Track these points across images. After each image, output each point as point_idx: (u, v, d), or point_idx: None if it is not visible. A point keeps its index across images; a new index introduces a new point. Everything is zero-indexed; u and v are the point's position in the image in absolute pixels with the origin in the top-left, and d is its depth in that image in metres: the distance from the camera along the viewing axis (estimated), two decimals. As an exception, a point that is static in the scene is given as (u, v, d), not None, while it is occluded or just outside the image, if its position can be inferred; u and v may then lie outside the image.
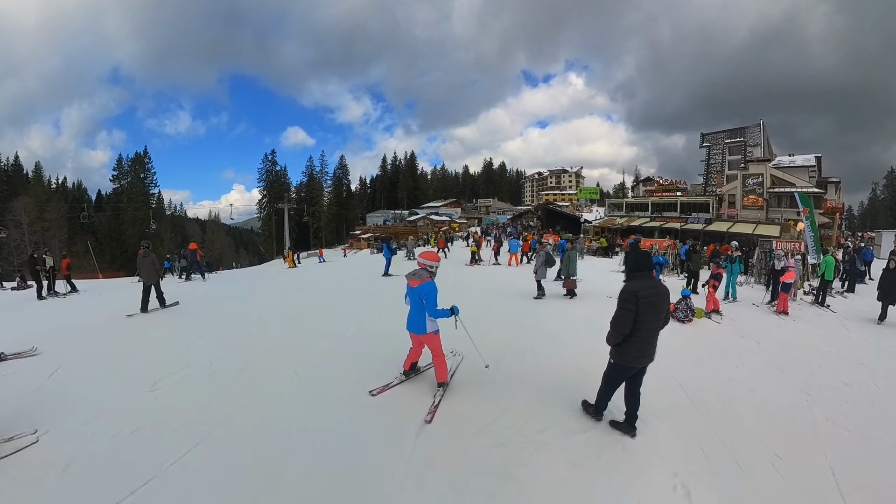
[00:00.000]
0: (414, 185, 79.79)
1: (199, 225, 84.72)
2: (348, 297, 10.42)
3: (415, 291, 4.03)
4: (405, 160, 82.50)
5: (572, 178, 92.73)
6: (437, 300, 3.99)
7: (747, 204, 29.05)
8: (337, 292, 11.25)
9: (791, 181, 29.12)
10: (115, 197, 67.48)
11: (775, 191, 28.88)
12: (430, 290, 3.94)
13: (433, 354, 4.19)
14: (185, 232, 78.42)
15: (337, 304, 9.42)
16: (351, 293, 10.96)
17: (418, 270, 4.10)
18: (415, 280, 4.04)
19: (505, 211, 69.01)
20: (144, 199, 65.93)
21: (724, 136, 46.29)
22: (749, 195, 29.03)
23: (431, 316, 3.96)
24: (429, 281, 4.02)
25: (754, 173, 29.20)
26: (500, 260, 17.69)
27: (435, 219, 52.03)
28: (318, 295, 10.94)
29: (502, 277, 13.56)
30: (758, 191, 29.07)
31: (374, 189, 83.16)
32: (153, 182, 69.35)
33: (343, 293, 10.99)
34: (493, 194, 79.98)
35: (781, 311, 8.92)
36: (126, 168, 68.12)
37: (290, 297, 10.67)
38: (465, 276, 13.91)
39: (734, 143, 45.51)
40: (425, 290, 3.94)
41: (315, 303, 9.70)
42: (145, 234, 64.44)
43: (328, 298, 10.25)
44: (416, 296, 4.02)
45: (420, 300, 3.98)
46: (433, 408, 3.88)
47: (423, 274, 4.05)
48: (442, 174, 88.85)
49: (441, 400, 4.03)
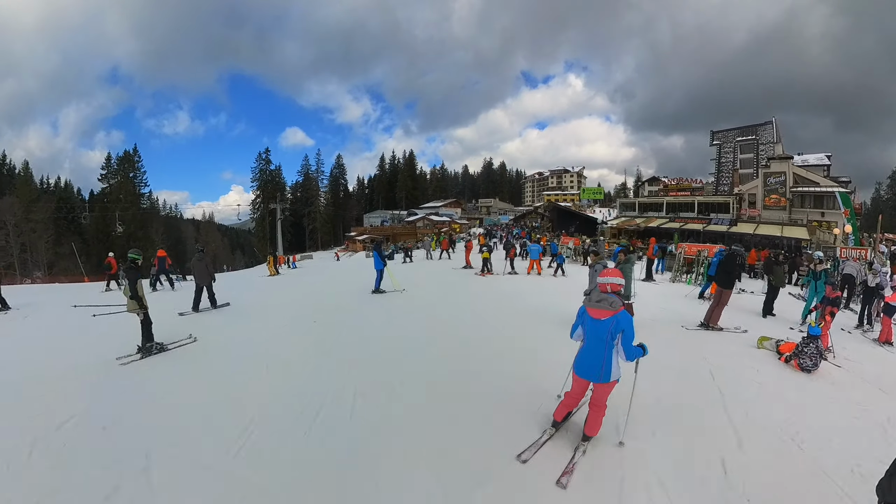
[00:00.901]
0: (413, 185, 77.84)
1: (195, 226, 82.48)
2: (313, 335, 7.00)
3: (603, 325, 3.20)
4: (404, 160, 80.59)
5: (574, 178, 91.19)
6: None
7: (769, 204, 27.36)
8: (300, 324, 7.84)
9: (814, 180, 27.44)
10: (104, 197, 65.10)
11: (799, 190, 27.18)
12: (627, 324, 3.16)
13: (595, 403, 3.36)
14: (180, 234, 76.26)
15: (289, 358, 5.78)
16: (323, 326, 7.63)
17: (607, 297, 3.21)
18: (603, 310, 3.19)
19: (507, 211, 67.25)
20: (134, 200, 63.52)
21: (736, 133, 44.69)
22: (771, 195, 27.33)
23: (628, 358, 3.20)
24: (623, 311, 3.18)
25: (776, 171, 27.51)
26: (515, 267, 15.90)
27: (435, 219, 50.12)
28: (272, 330, 7.48)
29: (531, 292, 11.23)
30: (780, 190, 27.38)
31: (371, 189, 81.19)
32: (143, 182, 66.93)
33: (312, 325, 7.75)
34: (493, 194, 78.22)
35: (885, 341, 7.12)
36: (115, 167, 65.72)
37: (236, 327, 7.79)
38: (484, 290, 12.04)
39: (745, 142, 43.94)
40: (622, 323, 3.15)
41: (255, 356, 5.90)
42: (133, 235, 62.36)
43: (278, 346, 6.36)
44: (605, 331, 3.18)
45: (610, 336, 3.17)
46: (570, 466, 3.16)
47: (615, 302, 3.19)
48: (441, 174, 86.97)
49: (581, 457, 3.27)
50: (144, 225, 65.90)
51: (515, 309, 9.00)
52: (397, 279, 11.52)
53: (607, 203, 66.51)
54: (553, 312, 8.16)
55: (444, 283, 13.16)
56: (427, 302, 10.06)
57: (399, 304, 9.62)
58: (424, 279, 14.00)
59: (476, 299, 10.49)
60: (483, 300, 10.34)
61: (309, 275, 19.64)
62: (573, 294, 8.66)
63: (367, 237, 38.34)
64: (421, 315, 8.47)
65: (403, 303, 9.82)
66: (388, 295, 10.69)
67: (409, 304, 9.71)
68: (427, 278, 14.33)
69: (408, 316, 8.39)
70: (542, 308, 8.83)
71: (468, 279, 14.12)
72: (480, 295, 11.02)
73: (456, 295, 11.11)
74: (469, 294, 11.27)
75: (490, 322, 7.90)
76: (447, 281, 13.93)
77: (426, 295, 10.94)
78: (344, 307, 9.48)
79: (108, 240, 63.26)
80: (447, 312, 8.81)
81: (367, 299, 10.41)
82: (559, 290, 11.37)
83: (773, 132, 42.87)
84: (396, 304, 9.68)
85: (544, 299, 10.00)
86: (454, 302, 10.17)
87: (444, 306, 9.63)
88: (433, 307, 9.43)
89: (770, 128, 43.31)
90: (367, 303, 9.96)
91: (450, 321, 7.90)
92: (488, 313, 8.71)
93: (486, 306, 9.51)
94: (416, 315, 8.46)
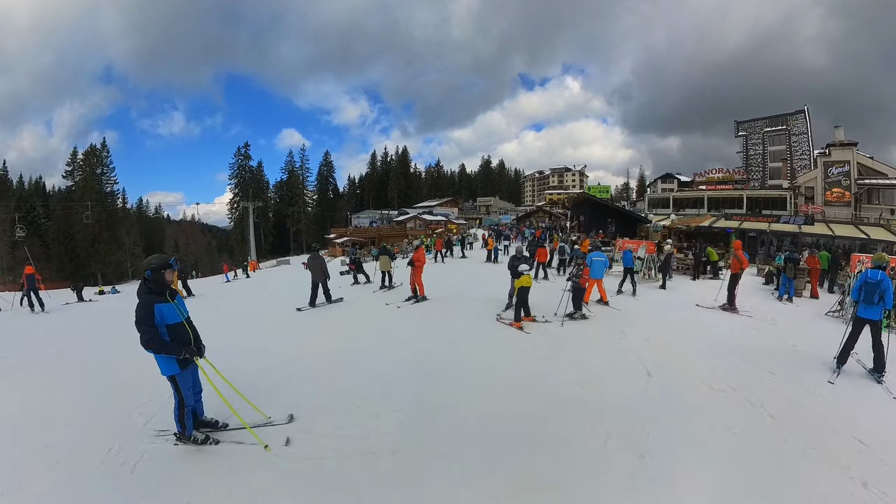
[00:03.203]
0: (406, 184, 72.86)
1: (183, 228, 76.95)
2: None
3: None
4: (397, 157, 75.60)
5: (576, 176, 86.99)
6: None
7: (831, 199, 22.60)
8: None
9: (881, 170, 22.73)
10: (67, 196, 59.47)
11: (867, 182, 22.43)
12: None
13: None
14: (161, 236, 70.77)
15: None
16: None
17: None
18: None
19: (507, 210, 62.42)
20: (100, 198, 57.87)
21: (763, 123, 40.11)
22: (833, 188, 22.58)
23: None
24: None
25: (839, 160, 22.76)
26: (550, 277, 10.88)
27: (428, 219, 45.08)
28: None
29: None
30: (844, 182, 22.62)
31: (362, 188, 76.10)
32: (111, 179, 61.36)
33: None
34: (491, 194, 73.37)
35: None
36: (80, 162, 60.10)
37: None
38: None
39: (775, 133, 39.40)
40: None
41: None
42: (98, 238, 56.82)
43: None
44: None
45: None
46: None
47: None
48: (437, 172, 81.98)
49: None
50: (113, 226, 60.30)
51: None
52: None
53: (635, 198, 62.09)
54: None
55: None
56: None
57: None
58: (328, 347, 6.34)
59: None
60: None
61: (233, 296, 14.00)
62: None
63: (347, 240, 33.18)
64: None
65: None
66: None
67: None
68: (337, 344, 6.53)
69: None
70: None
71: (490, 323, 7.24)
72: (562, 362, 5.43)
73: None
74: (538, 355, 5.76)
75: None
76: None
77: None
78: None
79: (70, 242, 57.95)
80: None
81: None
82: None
83: (805, 122, 38.36)
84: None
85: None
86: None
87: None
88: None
89: (802, 117, 38.79)
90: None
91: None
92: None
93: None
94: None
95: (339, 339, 6.67)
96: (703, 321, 7.85)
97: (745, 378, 4.92)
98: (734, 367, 5.29)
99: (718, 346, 6.21)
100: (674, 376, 4.93)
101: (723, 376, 4.92)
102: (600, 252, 8.59)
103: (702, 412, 4.04)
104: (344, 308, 9.26)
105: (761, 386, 4.69)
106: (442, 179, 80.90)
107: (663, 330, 7.10)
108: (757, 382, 4.80)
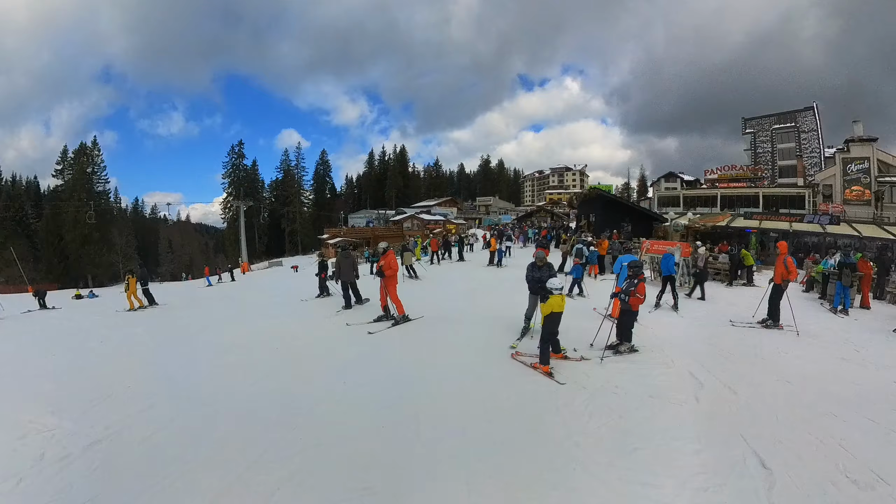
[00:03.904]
0: (404, 183, 71.51)
1: (178, 228, 75.46)
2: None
3: None
4: (394, 156, 74.28)
5: (576, 176, 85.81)
6: None
7: (850, 198, 21.39)
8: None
9: (903, 168, 21.53)
10: (56, 195, 57.99)
11: (887, 180, 21.25)
12: None
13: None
14: (154, 236, 69.25)
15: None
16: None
17: None
18: None
19: (508, 210, 61.18)
20: (90, 198, 56.33)
21: (772, 121, 38.98)
22: (852, 186, 21.37)
23: None
24: None
25: (858, 157, 21.56)
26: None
27: (426, 218, 43.76)
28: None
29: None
30: (863, 180, 21.42)
31: (360, 188, 74.75)
32: (102, 178, 59.91)
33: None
34: (491, 193, 72.14)
35: None
36: (70, 161, 58.63)
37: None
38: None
39: (784, 130, 38.27)
40: None
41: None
42: (87, 238, 55.36)
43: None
44: None
45: None
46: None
47: None
48: (436, 172, 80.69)
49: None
50: (104, 226, 58.79)
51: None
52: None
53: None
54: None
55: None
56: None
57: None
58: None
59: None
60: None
61: (197, 308, 11.99)
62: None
63: (340, 241, 31.82)
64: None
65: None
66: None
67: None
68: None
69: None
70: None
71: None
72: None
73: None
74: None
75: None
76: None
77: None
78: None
79: (59, 243, 56.45)
80: None
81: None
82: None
83: (815, 119, 37.27)
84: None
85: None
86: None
87: None
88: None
89: (811, 114, 37.70)
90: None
91: None
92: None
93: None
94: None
95: (259, 391, 4.75)
96: (775, 347, 6.21)
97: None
98: (872, 437, 3.71)
99: (827, 394, 4.58)
100: (804, 468, 3.25)
101: (871, 460, 3.33)
102: (631, 256, 7.12)
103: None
104: (298, 331, 7.28)
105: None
106: (441, 179, 79.62)
107: (738, 366, 5.42)
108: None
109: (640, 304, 5.61)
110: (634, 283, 5.50)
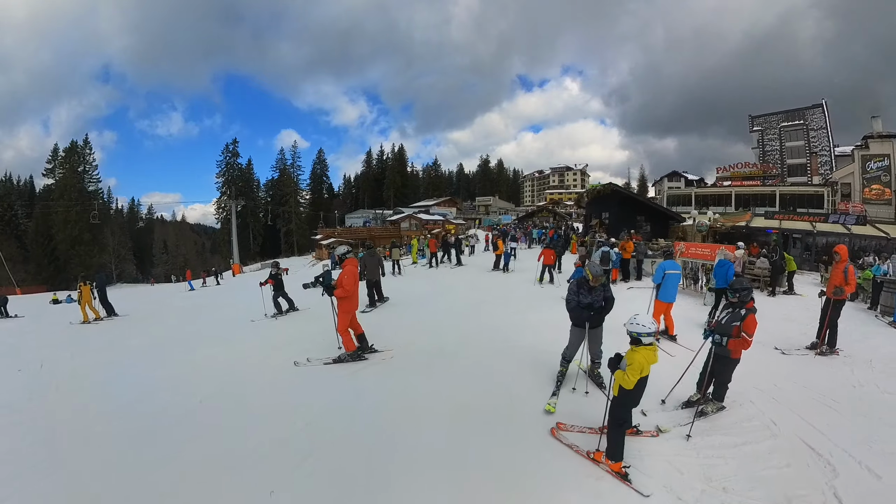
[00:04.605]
0: (402, 183, 70.37)
1: (173, 228, 74.20)
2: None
3: None
4: (393, 155, 73.12)
5: (577, 176, 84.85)
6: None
7: (869, 197, 20.31)
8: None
9: (924, 165, 20.47)
10: (47, 194, 56.65)
11: (909, 178, 20.15)
12: None
13: None
14: (149, 236, 67.93)
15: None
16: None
17: None
18: None
19: (508, 210, 60.09)
20: (81, 197, 55.05)
21: (780, 118, 37.96)
22: (872, 184, 20.30)
23: None
24: None
25: (878, 154, 20.49)
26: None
27: (424, 218, 42.62)
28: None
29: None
30: (883, 178, 20.35)
31: (357, 188, 73.60)
32: (93, 177, 58.62)
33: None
34: (490, 193, 71.09)
35: None
36: (61, 159, 57.31)
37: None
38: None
39: (792, 128, 37.26)
40: None
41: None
42: (78, 239, 54.10)
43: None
44: None
45: None
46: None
47: None
48: (435, 172, 79.59)
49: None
50: (95, 226, 57.46)
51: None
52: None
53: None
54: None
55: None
56: None
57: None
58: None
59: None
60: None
61: (162, 321, 10.43)
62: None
63: (333, 241, 30.63)
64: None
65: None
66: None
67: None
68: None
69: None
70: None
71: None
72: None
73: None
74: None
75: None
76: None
77: None
78: None
79: (49, 244, 55.14)
80: None
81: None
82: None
83: (824, 117, 36.27)
84: None
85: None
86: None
87: None
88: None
89: (820, 112, 36.70)
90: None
91: None
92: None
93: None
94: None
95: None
96: (859, 383, 4.83)
97: None
98: None
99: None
100: None
101: None
102: (674, 262, 5.76)
103: None
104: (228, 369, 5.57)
105: None
106: (440, 179, 78.55)
107: (853, 423, 3.83)
108: None
109: (747, 348, 3.64)
110: (741, 314, 3.59)
